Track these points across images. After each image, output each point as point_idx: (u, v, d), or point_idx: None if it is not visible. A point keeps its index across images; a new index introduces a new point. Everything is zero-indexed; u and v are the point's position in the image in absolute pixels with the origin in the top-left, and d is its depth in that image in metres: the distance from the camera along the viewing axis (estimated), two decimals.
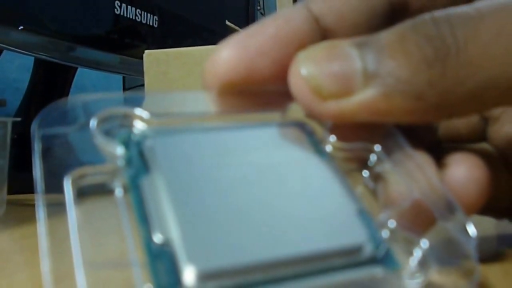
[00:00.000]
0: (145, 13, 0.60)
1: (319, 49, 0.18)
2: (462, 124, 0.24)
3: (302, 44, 0.18)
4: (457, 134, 0.24)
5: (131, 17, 0.58)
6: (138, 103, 0.17)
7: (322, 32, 0.19)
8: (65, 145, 0.16)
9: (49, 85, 0.63)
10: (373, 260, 0.16)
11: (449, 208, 0.17)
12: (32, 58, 0.62)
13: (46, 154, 0.15)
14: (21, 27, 0.47)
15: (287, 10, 0.19)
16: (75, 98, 0.16)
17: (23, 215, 0.39)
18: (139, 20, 0.59)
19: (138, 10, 0.59)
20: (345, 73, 0.17)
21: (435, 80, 0.16)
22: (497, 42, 0.16)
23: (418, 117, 0.17)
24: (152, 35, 0.61)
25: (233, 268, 0.14)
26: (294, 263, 0.15)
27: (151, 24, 0.61)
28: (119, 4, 0.56)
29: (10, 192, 0.39)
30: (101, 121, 0.16)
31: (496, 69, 0.16)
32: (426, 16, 0.17)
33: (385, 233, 0.17)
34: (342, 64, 0.17)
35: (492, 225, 0.25)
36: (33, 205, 0.14)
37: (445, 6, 0.18)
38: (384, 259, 0.16)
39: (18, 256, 0.27)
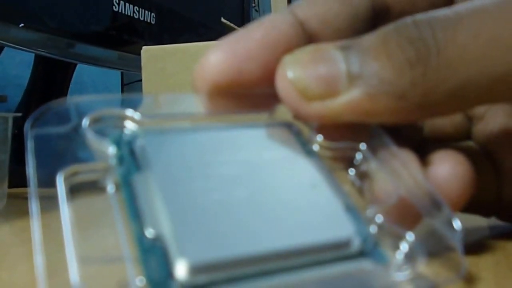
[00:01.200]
0: (143, 10, 0.60)
1: (305, 53, 0.18)
2: (447, 123, 0.24)
3: (288, 48, 0.18)
4: (443, 133, 0.24)
5: (129, 14, 0.58)
6: (130, 104, 0.17)
7: (307, 37, 0.19)
8: (57, 144, 0.16)
9: (49, 81, 0.63)
10: (361, 254, 0.16)
11: (435, 204, 0.17)
12: (33, 55, 0.62)
13: (39, 152, 0.15)
14: (22, 24, 0.47)
15: (274, 15, 0.19)
16: (69, 99, 0.16)
17: (23, 208, 0.39)
18: (137, 17, 0.59)
19: (136, 7, 0.58)
20: (330, 75, 0.17)
21: (417, 80, 0.16)
22: (475, 43, 0.16)
23: (401, 117, 0.17)
24: (149, 32, 0.61)
25: (224, 261, 0.14)
26: (284, 256, 0.15)
27: (148, 21, 0.61)
28: (117, 1, 0.56)
29: (10, 185, 0.39)
30: (93, 121, 0.16)
31: (475, 69, 0.16)
32: (408, 19, 0.17)
33: (372, 228, 0.17)
34: (327, 66, 0.17)
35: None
36: None
37: (425, 10, 0.18)
38: (372, 252, 0.16)
39: (18, 248, 0.27)
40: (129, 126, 0.17)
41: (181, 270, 0.13)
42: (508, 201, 0.23)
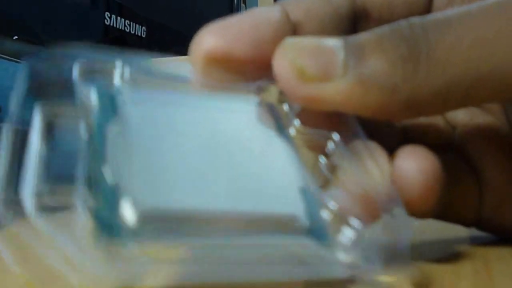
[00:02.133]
0: (134, 24, 0.60)
1: (307, 39, 0.18)
2: (431, 129, 0.24)
3: (277, 33, 0.19)
4: (425, 139, 0.23)
5: (120, 27, 0.58)
6: (127, 61, 0.17)
7: (292, 26, 0.20)
8: (48, 84, 0.16)
9: None
10: (307, 232, 0.16)
11: (393, 202, 0.17)
12: None
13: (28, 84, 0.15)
14: (16, 37, 0.47)
15: (260, 7, 0.20)
16: (73, 46, 0.16)
17: None
18: (128, 30, 0.59)
19: (127, 21, 0.59)
20: (327, 60, 0.17)
21: (408, 76, 0.17)
22: (460, 45, 0.17)
23: (388, 111, 0.18)
24: (140, 45, 0.61)
25: (172, 213, 0.14)
26: (231, 220, 0.15)
27: (139, 34, 0.61)
28: (109, 15, 0.56)
29: None
30: (84, 70, 0.17)
31: (460, 69, 0.17)
32: (403, 21, 0.18)
33: (325, 213, 0.17)
34: (326, 52, 0.18)
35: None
36: None
37: (402, 16, 0.19)
38: (318, 233, 0.16)
39: None
40: (116, 79, 0.17)
41: (130, 217, 0.14)
42: (489, 212, 0.22)
